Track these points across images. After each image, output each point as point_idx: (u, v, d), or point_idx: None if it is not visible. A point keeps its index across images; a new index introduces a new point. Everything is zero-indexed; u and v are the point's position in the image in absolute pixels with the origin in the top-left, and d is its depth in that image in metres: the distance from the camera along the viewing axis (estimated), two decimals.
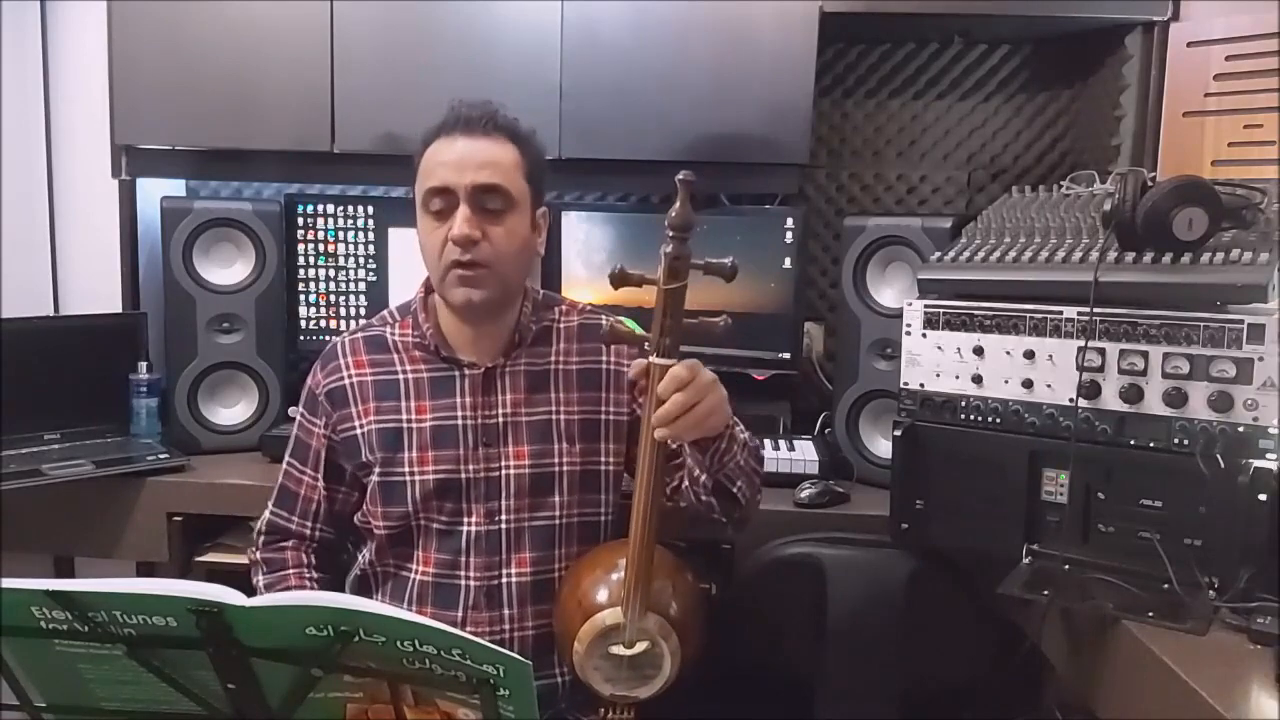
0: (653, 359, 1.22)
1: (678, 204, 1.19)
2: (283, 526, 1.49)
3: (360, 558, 1.50)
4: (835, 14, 1.96)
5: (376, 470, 1.42)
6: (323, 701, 0.93)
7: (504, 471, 1.42)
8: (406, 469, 1.41)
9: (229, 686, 0.92)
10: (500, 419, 1.43)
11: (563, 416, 1.45)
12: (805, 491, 1.76)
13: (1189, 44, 1.86)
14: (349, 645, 0.87)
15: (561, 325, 1.49)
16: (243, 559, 1.84)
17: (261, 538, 1.50)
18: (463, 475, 1.41)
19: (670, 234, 1.20)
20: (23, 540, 1.84)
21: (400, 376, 1.44)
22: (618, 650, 1.25)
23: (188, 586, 0.86)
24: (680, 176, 1.19)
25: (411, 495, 1.41)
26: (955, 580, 1.57)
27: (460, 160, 1.36)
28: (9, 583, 0.87)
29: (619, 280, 1.22)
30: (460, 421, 1.42)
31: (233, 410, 2.07)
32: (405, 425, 1.42)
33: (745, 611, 1.66)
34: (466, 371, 1.43)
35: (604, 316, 1.52)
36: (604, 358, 1.48)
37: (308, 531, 1.48)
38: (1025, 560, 1.39)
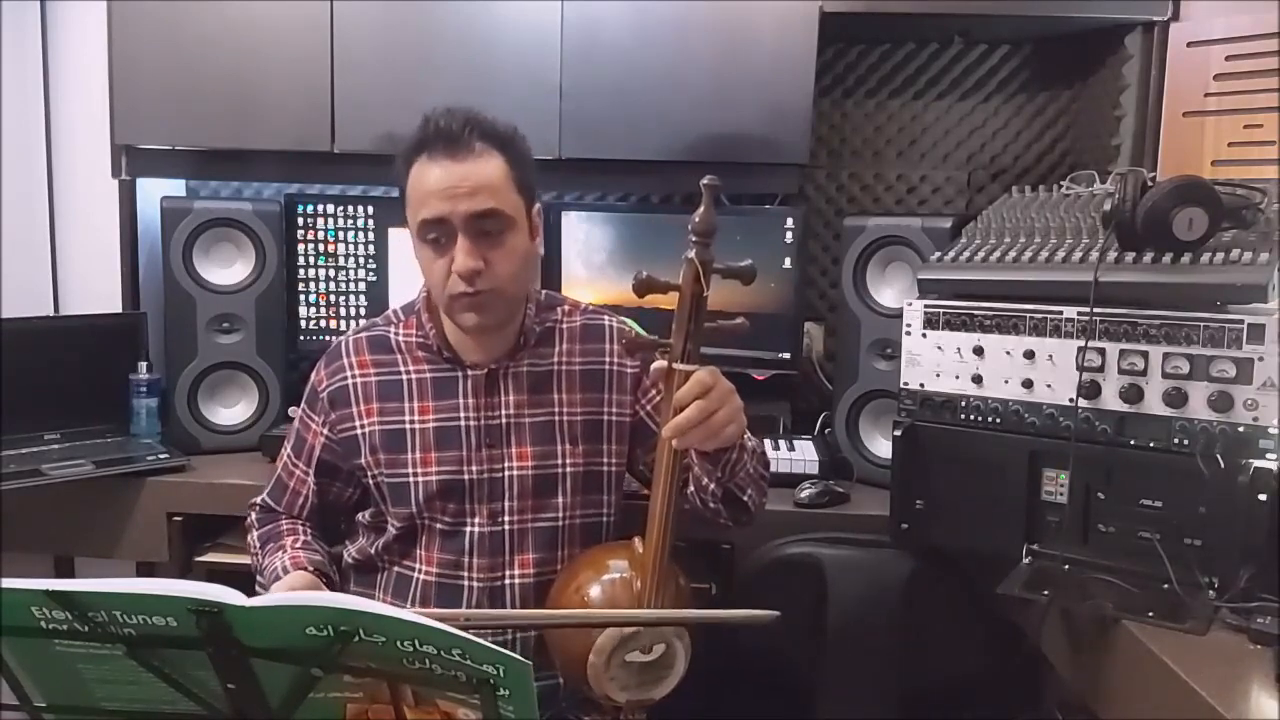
0: (675, 364, 1.22)
1: (702, 209, 1.19)
2: (272, 510, 1.53)
3: (360, 545, 1.50)
4: (835, 14, 1.96)
5: (380, 471, 1.42)
6: (323, 701, 0.93)
7: (507, 472, 1.42)
8: (410, 470, 1.41)
9: (229, 686, 0.91)
10: (503, 420, 1.42)
11: (566, 417, 1.45)
12: (805, 491, 1.76)
13: (1189, 44, 1.86)
14: (349, 645, 0.87)
15: (564, 326, 1.49)
16: (243, 559, 1.85)
17: (254, 512, 1.55)
18: (466, 476, 1.41)
19: (694, 239, 1.20)
20: (23, 540, 1.84)
21: (403, 377, 1.44)
22: (635, 657, 1.24)
23: (188, 586, 0.86)
24: (705, 181, 1.20)
25: (415, 496, 1.41)
26: (955, 580, 1.57)
27: (450, 188, 1.31)
28: (9, 583, 0.87)
29: (644, 287, 1.21)
30: (463, 422, 1.42)
31: (233, 410, 2.07)
32: (408, 426, 1.42)
33: None
34: (469, 372, 1.43)
35: (607, 317, 1.52)
36: (607, 358, 1.48)
37: (294, 519, 1.52)
38: (1025, 560, 1.39)
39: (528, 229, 1.40)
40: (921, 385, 1.50)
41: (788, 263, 2.00)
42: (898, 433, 1.50)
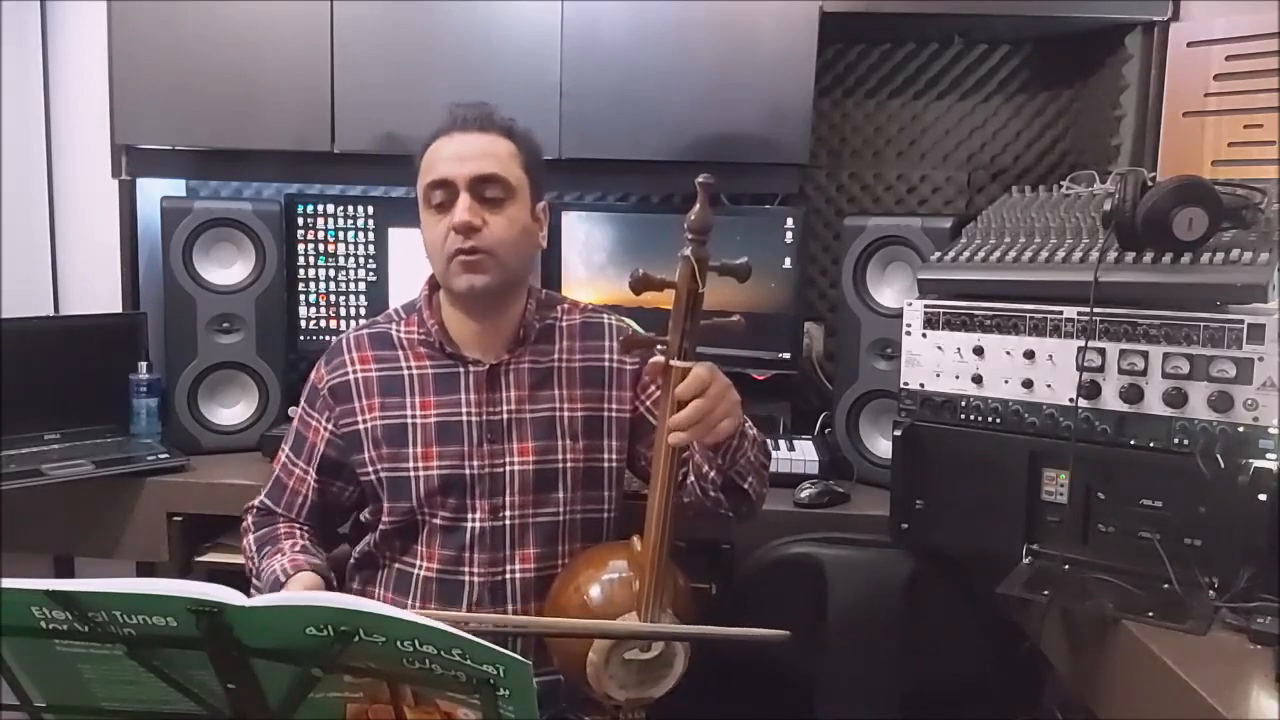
0: (673, 362, 1.23)
1: (697, 207, 1.20)
2: (270, 511, 1.52)
3: (361, 544, 1.50)
4: (835, 14, 1.96)
5: (381, 466, 1.43)
6: (323, 701, 0.93)
7: (508, 468, 1.42)
8: (411, 464, 1.42)
9: (229, 686, 0.91)
10: (505, 415, 1.43)
11: (566, 413, 1.45)
12: (805, 491, 1.76)
13: (1189, 44, 1.86)
14: (349, 645, 0.87)
15: (564, 323, 1.50)
16: (243, 559, 1.85)
17: (251, 515, 1.53)
18: (467, 471, 1.42)
19: (690, 237, 1.21)
20: (23, 540, 1.84)
21: (405, 372, 1.45)
22: (633, 655, 1.24)
23: (188, 586, 0.86)
24: (700, 180, 1.20)
25: (416, 490, 1.41)
26: (955, 580, 1.57)
27: (458, 154, 1.39)
28: (9, 583, 0.87)
29: (641, 285, 1.22)
30: (465, 417, 1.43)
31: (233, 410, 2.07)
32: (410, 421, 1.43)
33: (745, 611, 1.66)
34: (471, 368, 1.44)
35: (606, 315, 1.53)
36: (606, 355, 1.49)
37: (292, 521, 1.51)
38: (1025, 560, 1.39)
39: (530, 210, 1.44)
40: (921, 385, 1.50)
41: (788, 263, 2.00)
42: (898, 433, 1.50)
